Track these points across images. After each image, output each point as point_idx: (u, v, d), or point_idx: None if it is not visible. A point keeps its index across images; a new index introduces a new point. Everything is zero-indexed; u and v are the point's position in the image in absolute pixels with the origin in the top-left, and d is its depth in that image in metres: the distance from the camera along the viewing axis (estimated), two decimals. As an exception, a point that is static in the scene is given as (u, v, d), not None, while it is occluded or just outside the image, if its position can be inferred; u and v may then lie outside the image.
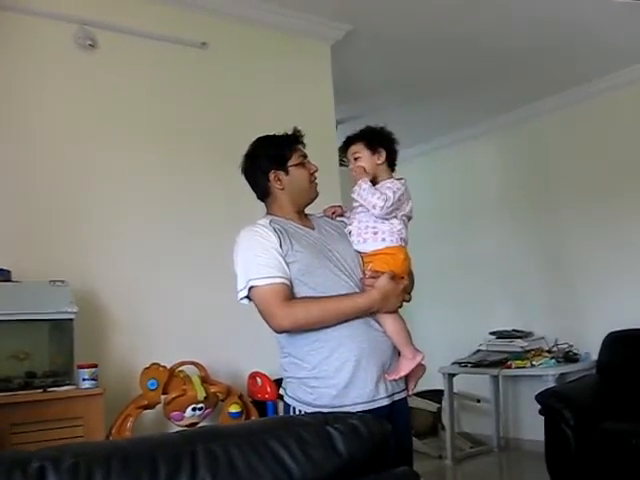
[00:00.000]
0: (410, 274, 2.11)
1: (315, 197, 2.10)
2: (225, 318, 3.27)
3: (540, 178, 5.43)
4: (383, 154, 2.09)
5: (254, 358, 3.29)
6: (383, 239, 2.01)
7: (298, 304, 1.87)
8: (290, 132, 2.09)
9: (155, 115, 3.39)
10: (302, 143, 2.10)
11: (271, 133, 2.10)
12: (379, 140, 2.10)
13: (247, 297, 1.93)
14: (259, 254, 1.90)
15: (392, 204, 1.98)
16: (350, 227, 2.08)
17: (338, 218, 2.19)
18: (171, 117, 3.43)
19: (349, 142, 2.13)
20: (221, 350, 3.30)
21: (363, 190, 2.02)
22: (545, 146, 5.39)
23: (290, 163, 2.04)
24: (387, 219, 2.02)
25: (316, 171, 2.09)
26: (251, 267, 1.90)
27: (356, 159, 2.10)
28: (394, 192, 2.00)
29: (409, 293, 2.07)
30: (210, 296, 3.30)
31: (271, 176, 2.04)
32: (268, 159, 2.04)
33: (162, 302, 3.24)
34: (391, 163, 2.12)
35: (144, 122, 3.36)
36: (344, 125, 4.40)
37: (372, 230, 2.03)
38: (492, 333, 5.31)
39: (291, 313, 1.85)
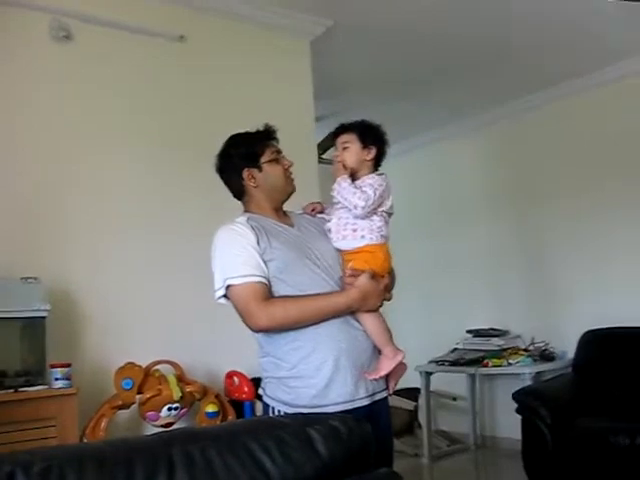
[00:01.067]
0: (391, 272, 2.09)
1: (291, 192, 2.08)
2: (202, 317, 3.24)
3: (520, 176, 5.46)
4: (373, 152, 2.07)
5: (231, 357, 3.26)
6: (362, 236, 1.99)
7: (276, 303, 1.86)
8: (262, 128, 2.07)
9: (132, 110, 3.34)
10: (275, 139, 2.08)
11: (247, 130, 2.08)
12: (373, 137, 2.08)
13: (224, 296, 1.91)
14: (236, 252, 1.89)
15: (373, 202, 1.96)
16: (329, 224, 2.06)
17: (318, 215, 2.17)
18: (148, 112, 3.38)
19: (342, 130, 2.09)
20: (197, 349, 3.26)
21: (343, 189, 1.99)
22: (526, 144, 5.41)
23: (263, 160, 2.03)
24: (367, 216, 2.00)
25: (290, 166, 2.07)
26: (228, 266, 1.89)
27: (344, 149, 2.06)
28: (375, 190, 1.97)
29: (389, 292, 2.05)
30: (187, 295, 3.27)
31: (245, 174, 2.03)
32: (240, 157, 2.03)
33: (137, 300, 3.19)
34: (377, 163, 2.09)
35: (121, 117, 3.31)
36: (323, 122, 4.39)
37: (352, 227, 2.00)
38: (469, 331, 5.34)
39: (269, 312, 1.84)
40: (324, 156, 4.53)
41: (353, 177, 2.04)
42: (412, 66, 4.55)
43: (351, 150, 2.05)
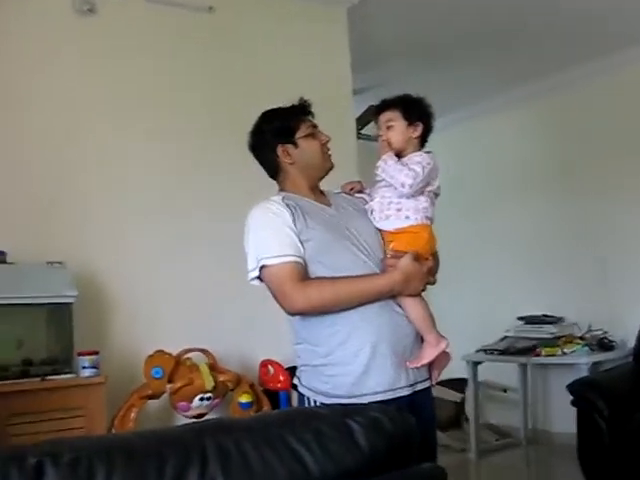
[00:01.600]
0: (435, 255, 2.07)
1: (330, 168, 2.08)
2: (235, 302, 3.25)
3: (571, 150, 5.34)
4: (420, 128, 2.05)
5: (266, 345, 3.28)
6: (407, 217, 1.97)
7: (312, 284, 1.86)
8: (297, 103, 2.07)
9: (157, 86, 3.35)
10: (310, 113, 2.08)
11: (281, 105, 2.08)
12: (418, 112, 2.07)
13: (258, 278, 1.92)
14: (271, 232, 1.90)
15: (421, 180, 1.95)
16: (372, 203, 2.05)
17: (357, 195, 2.17)
18: (175, 87, 3.40)
19: (384, 107, 2.08)
20: (230, 336, 3.29)
21: (389, 166, 1.98)
22: (578, 117, 5.29)
23: (298, 135, 2.03)
24: (414, 196, 1.99)
25: (328, 141, 2.07)
26: (262, 245, 1.90)
27: (389, 127, 2.05)
28: (423, 167, 1.96)
29: (433, 275, 2.04)
30: (219, 278, 3.29)
31: (279, 150, 2.03)
32: (274, 133, 2.04)
33: (166, 285, 3.22)
34: (423, 140, 2.08)
35: (146, 93, 3.33)
36: (361, 95, 4.35)
37: (396, 206, 1.99)
38: (520, 318, 5.25)
39: (305, 293, 1.84)
40: (363, 131, 4.50)
41: (399, 156, 2.03)
42: (456, 32, 4.44)
43: (396, 128, 2.04)
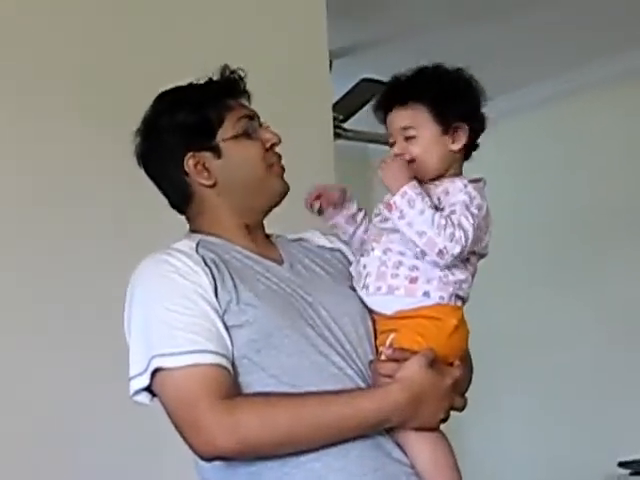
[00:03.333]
0: (466, 357, 1.52)
1: (282, 193, 1.54)
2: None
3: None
4: (464, 133, 1.43)
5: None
6: (426, 293, 1.42)
7: (246, 405, 1.35)
8: (217, 74, 1.53)
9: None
10: (244, 94, 1.53)
11: (194, 80, 1.51)
12: (461, 103, 1.44)
13: (148, 389, 1.38)
14: (174, 307, 1.37)
15: (471, 242, 1.41)
16: (364, 258, 1.48)
17: (332, 221, 1.56)
18: (32, 56, 2.32)
19: (396, 98, 1.47)
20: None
21: (416, 213, 1.38)
22: None
23: (222, 134, 1.48)
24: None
25: (276, 144, 1.52)
26: (157, 332, 1.37)
27: (408, 138, 1.43)
28: (474, 218, 1.39)
29: (463, 394, 1.49)
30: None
31: (188, 163, 1.48)
32: (179, 131, 1.49)
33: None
34: (469, 151, 1.48)
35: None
36: (344, 60, 3.37)
37: (408, 272, 1.44)
38: (623, 465, 3.95)
39: (232, 422, 1.32)
40: (346, 125, 3.63)
41: (420, 181, 1.43)
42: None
43: (422, 139, 1.44)
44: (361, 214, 1.54)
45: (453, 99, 1.46)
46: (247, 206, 1.51)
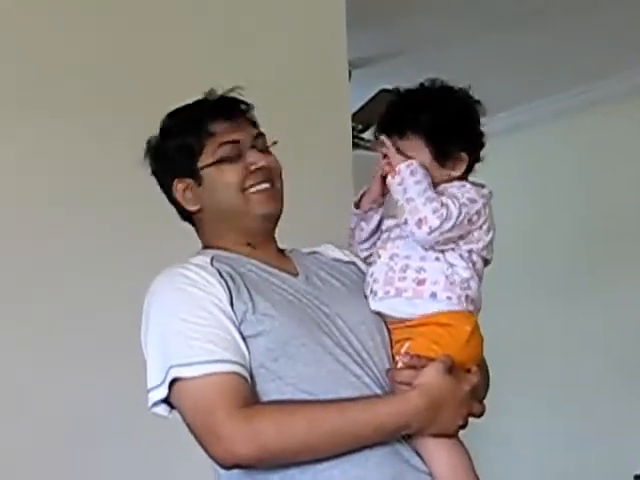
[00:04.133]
0: (482, 364, 1.52)
1: (263, 216, 1.50)
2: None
3: None
4: (463, 162, 1.46)
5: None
6: (434, 294, 1.43)
7: (265, 413, 1.34)
8: (208, 96, 1.50)
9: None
10: (239, 113, 1.49)
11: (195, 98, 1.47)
12: (459, 136, 1.45)
13: (166, 401, 1.36)
14: (190, 318, 1.37)
15: (453, 227, 1.41)
16: (372, 268, 1.49)
17: (358, 235, 1.57)
18: (41, 66, 2.25)
19: (394, 128, 1.47)
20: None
21: (415, 183, 1.41)
22: None
23: (203, 162, 1.47)
24: (442, 250, 1.44)
25: (264, 167, 1.47)
26: (175, 343, 1.36)
27: None
28: (461, 206, 1.41)
29: (481, 400, 1.48)
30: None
31: (177, 188, 1.51)
32: (166, 158, 1.51)
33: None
34: (469, 169, 1.48)
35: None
36: (363, 70, 3.40)
37: (415, 274, 1.44)
38: (638, 478, 3.89)
39: (251, 429, 1.31)
40: (365, 135, 3.62)
41: None
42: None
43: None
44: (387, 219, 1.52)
45: (452, 134, 1.46)
46: (237, 228, 1.50)
